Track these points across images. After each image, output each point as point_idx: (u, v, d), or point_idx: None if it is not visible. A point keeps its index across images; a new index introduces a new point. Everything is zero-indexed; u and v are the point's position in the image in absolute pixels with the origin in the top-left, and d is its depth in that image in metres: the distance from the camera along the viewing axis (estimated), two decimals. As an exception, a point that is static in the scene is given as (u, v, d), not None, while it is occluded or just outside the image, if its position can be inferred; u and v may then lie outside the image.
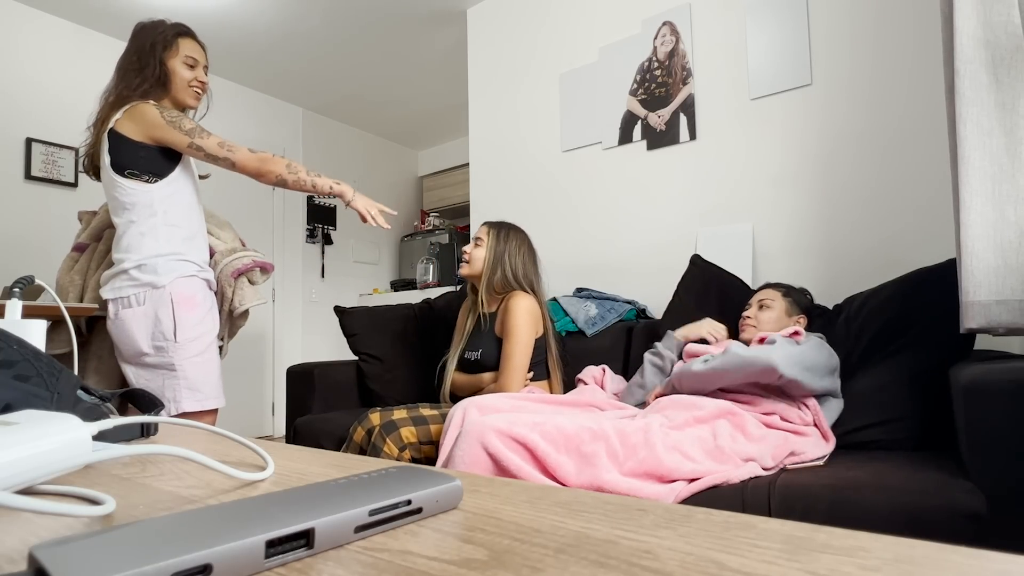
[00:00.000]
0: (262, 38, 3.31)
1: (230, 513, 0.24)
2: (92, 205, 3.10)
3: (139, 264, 1.43)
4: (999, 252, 1.13)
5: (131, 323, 1.42)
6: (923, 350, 1.38)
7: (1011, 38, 1.15)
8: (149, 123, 1.41)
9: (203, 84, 1.56)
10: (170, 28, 1.52)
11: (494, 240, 1.73)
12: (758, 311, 1.57)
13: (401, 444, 1.42)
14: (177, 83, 1.51)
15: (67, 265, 1.70)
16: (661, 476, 1.11)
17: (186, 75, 1.52)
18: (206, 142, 1.44)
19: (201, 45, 1.57)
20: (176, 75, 1.51)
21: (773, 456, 1.18)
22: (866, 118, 1.87)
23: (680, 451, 1.14)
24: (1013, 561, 0.20)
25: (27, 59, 2.93)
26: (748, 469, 1.14)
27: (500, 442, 1.16)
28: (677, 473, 1.11)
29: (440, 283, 4.21)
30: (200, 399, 1.46)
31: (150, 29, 1.51)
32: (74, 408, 0.47)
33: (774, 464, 1.18)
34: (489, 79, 2.91)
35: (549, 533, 0.26)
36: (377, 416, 1.50)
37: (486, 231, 1.76)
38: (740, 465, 1.14)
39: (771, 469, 1.18)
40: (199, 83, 1.54)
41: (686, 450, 1.15)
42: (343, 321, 2.23)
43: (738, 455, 1.16)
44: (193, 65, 1.53)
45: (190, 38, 1.54)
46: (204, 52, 1.58)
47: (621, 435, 1.17)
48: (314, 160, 4.28)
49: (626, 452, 1.14)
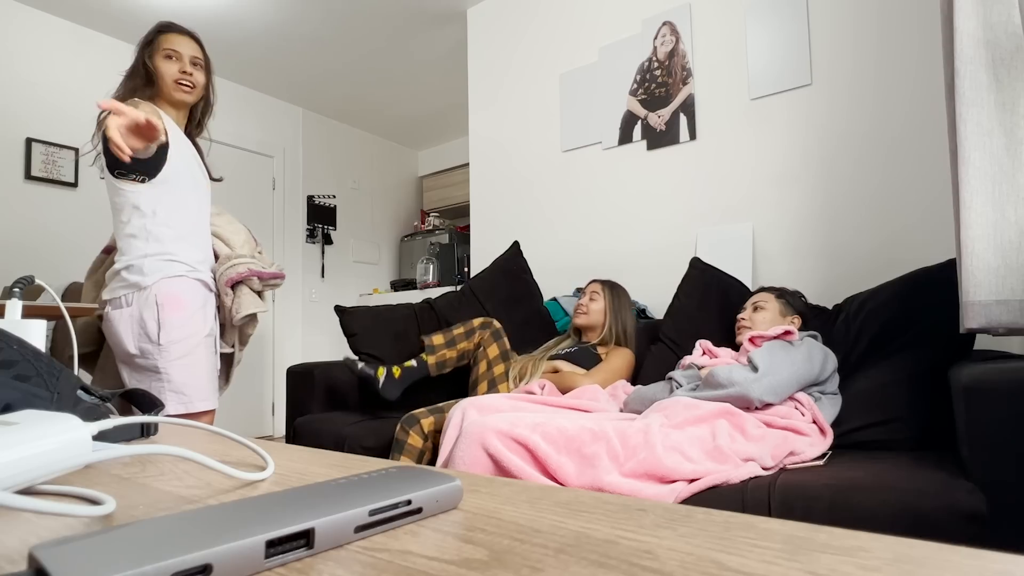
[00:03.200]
0: (262, 38, 3.31)
1: (230, 513, 0.24)
2: (92, 205, 3.11)
3: (128, 265, 1.43)
4: (999, 252, 1.13)
5: (118, 324, 1.42)
6: (923, 350, 1.38)
7: (1011, 38, 1.15)
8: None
9: (188, 76, 1.49)
10: (152, 28, 1.51)
11: (609, 298, 1.95)
12: (752, 313, 1.58)
13: (423, 434, 1.49)
14: (162, 81, 1.48)
15: (94, 265, 1.71)
16: (661, 476, 1.11)
17: (169, 70, 1.47)
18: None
19: (193, 38, 1.52)
20: (159, 72, 1.47)
21: (773, 455, 1.18)
22: (866, 118, 1.87)
23: (680, 451, 1.14)
24: (1013, 561, 0.20)
25: (27, 59, 2.93)
26: (748, 469, 1.14)
27: (500, 443, 1.16)
28: (677, 474, 1.10)
29: (440, 283, 4.21)
30: (185, 402, 1.44)
31: (144, 33, 1.52)
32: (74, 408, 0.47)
33: (774, 464, 1.18)
34: (489, 79, 2.91)
35: (549, 533, 0.26)
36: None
37: (600, 288, 1.96)
38: (739, 465, 1.14)
39: (771, 469, 1.18)
40: (184, 75, 1.48)
41: (686, 450, 1.15)
42: (343, 321, 2.23)
43: (737, 455, 1.16)
44: (173, 56, 1.47)
45: (171, 32, 1.50)
46: (194, 44, 1.52)
47: (622, 436, 1.17)
48: (314, 160, 4.28)
49: (627, 453, 1.14)
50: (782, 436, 1.23)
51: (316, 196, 4.26)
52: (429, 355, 1.84)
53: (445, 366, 1.85)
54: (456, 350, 1.84)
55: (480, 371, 1.81)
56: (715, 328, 1.75)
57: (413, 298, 4.05)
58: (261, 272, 1.65)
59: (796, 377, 1.32)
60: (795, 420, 1.28)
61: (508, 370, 1.79)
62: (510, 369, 1.80)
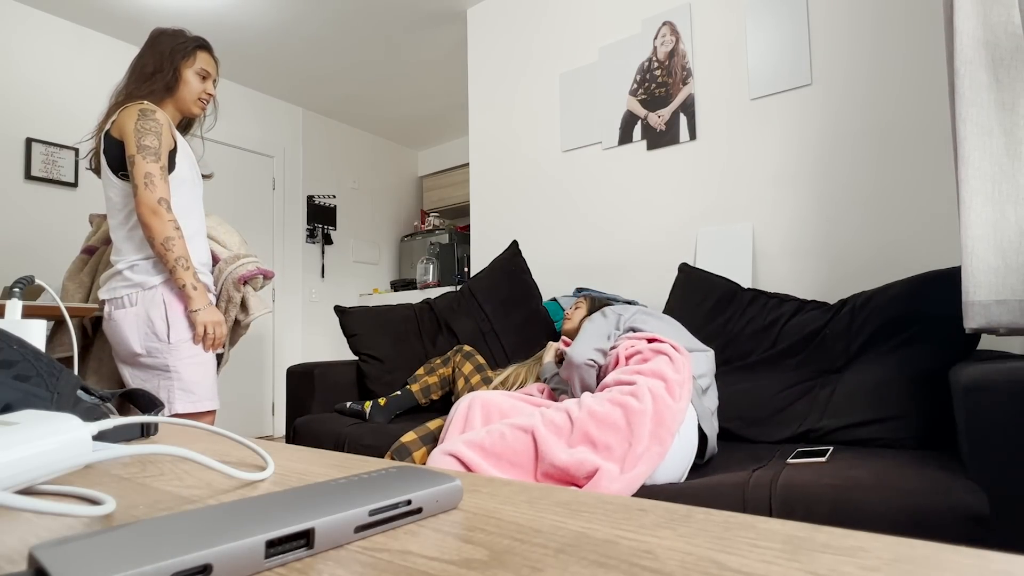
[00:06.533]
0: (262, 38, 3.31)
1: (230, 513, 0.24)
2: (92, 205, 3.11)
3: (132, 265, 1.43)
4: (999, 252, 1.13)
5: (123, 324, 1.42)
6: (926, 348, 1.38)
7: (1011, 38, 1.15)
8: (122, 124, 1.42)
9: (210, 96, 1.62)
10: (191, 40, 1.57)
11: (591, 305, 2.04)
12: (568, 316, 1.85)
13: None
14: (186, 92, 1.55)
15: (76, 267, 1.71)
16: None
17: (197, 87, 1.57)
18: (142, 164, 1.38)
19: (215, 60, 1.63)
20: (187, 85, 1.55)
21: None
22: (866, 118, 1.87)
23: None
24: (1014, 561, 0.20)
25: (27, 59, 2.93)
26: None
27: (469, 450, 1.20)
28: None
29: (440, 283, 4.21)
30: (194, 400, 1.45)
31: (171, 36, 1.55)
32: (74, 408, 0.47)
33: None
34: (489, 79, 2.91)
35: (549, 533, 0.26)
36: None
37: (583, 300, 2.08)
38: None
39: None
40: (207, 95, 1.60)
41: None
42: (343, 321, 2.23)
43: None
44: (205, 77, 1.59)
45: (208, 52, 1.60)
46: (217, 66, 1.64)
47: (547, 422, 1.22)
48: (314, 160, 4.29)
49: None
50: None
51: (316, 196, 4.26)
52: (412, 384, 2.01)
53: (430, 391, 2.01)
54: (436, 375, 2.01)
55: (459, 388, 1.94)
56: (704, 330, 1.75)
57: (413, 298, 4.06)
58: (267, 271, 1.67)
59: (590, 334, 1.49)
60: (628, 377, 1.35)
61: (484, 378, 1.91)
62: (490, 377, 1.92)
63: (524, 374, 1.87)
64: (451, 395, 2.02)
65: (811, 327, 1.59)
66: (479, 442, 1.20)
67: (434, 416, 1.96)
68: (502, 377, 1.87)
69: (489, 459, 1.18)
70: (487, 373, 1.93)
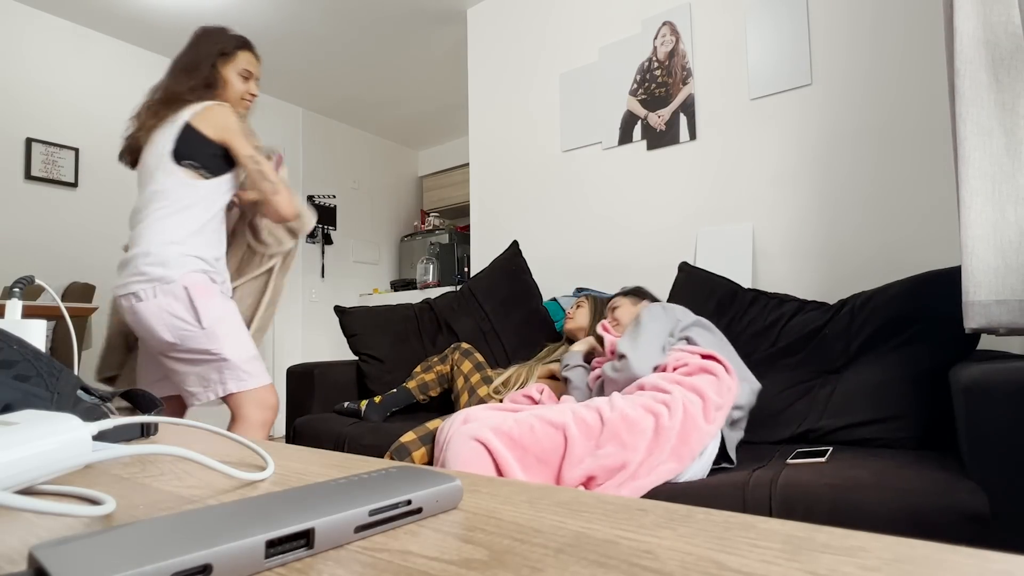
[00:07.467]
0: (262, 38, 3.31)
1: (230, 513, 0.24)
2: (92, 205, 3.11)
3: (148, 252, 1.41)
4: (999, 252, 1.13)
5: (147, 315, 1.40)
6: (926, 348, 1.38)
7: (1011, 38, 1.15)
8: (224, 124, 1.47)
9: (253, 96, 1.65)
10: (233, 39, 1.60)
11: (593, 305, 2.01)
12: (612, 317, 1.73)
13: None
14: (230, 93, 1.58)
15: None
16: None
17: (240, 87, 1.60)
18: (263, 165, 1.50)
19: (257, 59, 1.65)
20: (230, 85, 1.58)
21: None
22: (866, 118, 1.87)
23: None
24: (1014, 561, 0.20)
25: (28, 59, 2.93)
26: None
27: (496, 437, 1.17)
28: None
29: (440, 283, 4.21)
30: (244, 377, 1.44)
31: (214, 35, 1.59)
32: (74, 408, 0.47)
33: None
34: (489, 79, 2.91)
35: (549, 533, 0.26)
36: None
37: (585, 299, 2.03)
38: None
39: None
40: (250, 96, 1.63)
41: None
42: (343, 321, 2.23)
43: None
44: (248, 78, 1.61)
45: (250, 52, 1.63)
46: (259, 66, 1.66)
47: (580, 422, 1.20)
48: (314, 160, 4.29)
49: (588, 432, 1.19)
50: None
51: (316, 196, 4.26)
52: (409, 381, 2.00)
53: (428, 388, 1.99)
54: (434, 372, 1.99)
55: (458, 385, 1.92)
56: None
57: (413, 298, 4.05)
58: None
59: (651, 339, 1.41)
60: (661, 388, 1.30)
61: (484, 377, 1.89)
62: (490, 376, 1.90)
63: (525, 374, 1.86)
64: (450, 392, 2.01)
65: (811, 327, 1.59)
66: (507, 431, 1.18)
67: (433, 416, 1.96)
68: (503, 377, 1.86)
69: (515, 450, 1.16)
70: (487, 372, 1.92)
